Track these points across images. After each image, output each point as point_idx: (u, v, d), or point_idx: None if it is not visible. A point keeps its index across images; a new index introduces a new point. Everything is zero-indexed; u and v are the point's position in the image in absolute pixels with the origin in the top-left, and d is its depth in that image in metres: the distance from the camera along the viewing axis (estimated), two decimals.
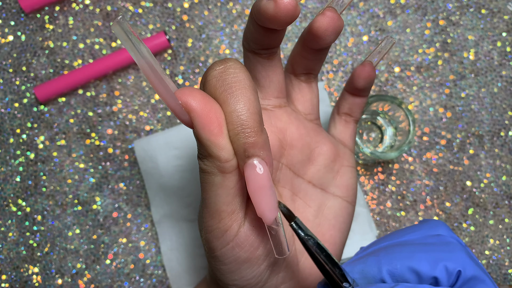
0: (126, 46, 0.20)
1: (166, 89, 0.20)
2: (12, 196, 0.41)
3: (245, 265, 0.24)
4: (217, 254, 0.24)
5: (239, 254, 0.24)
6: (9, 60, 0.42)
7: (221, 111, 0.21)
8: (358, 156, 0.39)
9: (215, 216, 0.23)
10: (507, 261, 0.40)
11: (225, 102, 0.21)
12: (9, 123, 0.42)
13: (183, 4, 0.42)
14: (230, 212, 0.23)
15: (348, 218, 0.29)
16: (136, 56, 0.20)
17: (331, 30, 0.24)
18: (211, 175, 0.22)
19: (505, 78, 0.41)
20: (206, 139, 0.21)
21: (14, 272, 0.40)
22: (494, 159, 0.40)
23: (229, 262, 0.24)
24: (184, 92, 0.21)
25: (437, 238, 0.25)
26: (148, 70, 0.20)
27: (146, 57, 0.20)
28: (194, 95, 0.21)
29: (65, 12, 0.42)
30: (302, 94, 0.29)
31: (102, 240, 0.40)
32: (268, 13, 0.22)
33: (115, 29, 0.19)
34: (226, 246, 0.24)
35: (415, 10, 0.42)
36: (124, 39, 0.19)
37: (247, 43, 0.26)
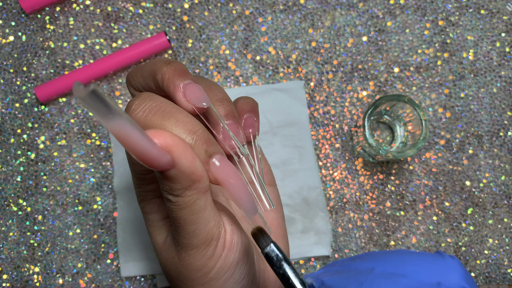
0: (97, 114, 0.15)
1: (146, 140, 0.18)
2: (13, 196, 0.41)
3: (239, 265, 0.25)
4: (212, 274, 0.24)
5: (233, 257, 0.24)
6: (10, 61, 0.42)
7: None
8: (373, 158, 0.39)
9: (207, 238, 0.23)
10: (506, 260, 0.40)
11: (163, 120, 0.22)
12: (10, 123, 0.42)
13: (183, 5, 0.42)
14: (217, 222, 0.24)
15: (278, 198, 0.33)
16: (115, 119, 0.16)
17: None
18: (196, 203, 0.22)
19: (504, 78, 0.41)
20: (191, 167, 0.21)
21: (15, 272, 0.40)
22: (493, 159, 0.41)
23: (225, 272, 0.24)
24: (154, 133, 0.20)
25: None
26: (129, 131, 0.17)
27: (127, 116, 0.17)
28: (161, 133, 0.20)
29: (65, 13, 0.43)
30: None
31: (103, 239, 0.41)
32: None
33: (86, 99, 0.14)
34: (220, 258, 0.24)
35: (415, 10, 0.42)
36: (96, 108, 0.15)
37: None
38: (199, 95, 0.24)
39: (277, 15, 0.42)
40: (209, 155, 0.22)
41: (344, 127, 0.41)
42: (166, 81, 0.25)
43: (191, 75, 0.25)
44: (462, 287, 0.23)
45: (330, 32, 0.42)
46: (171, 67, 0.25)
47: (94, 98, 0.15)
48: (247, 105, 0.30)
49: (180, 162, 0.21)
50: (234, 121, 0.26)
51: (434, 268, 0.24)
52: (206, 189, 0.22)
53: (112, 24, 0.42)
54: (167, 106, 0.22)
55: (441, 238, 0.40)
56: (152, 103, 0.22)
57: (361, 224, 0.40)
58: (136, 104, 0.22)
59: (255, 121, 0.30)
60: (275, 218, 0.32)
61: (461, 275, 0.23)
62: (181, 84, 0.24)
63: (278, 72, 0.42)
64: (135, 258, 0.40)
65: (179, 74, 0.24)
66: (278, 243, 0.30)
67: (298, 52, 0.42)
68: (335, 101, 0.42)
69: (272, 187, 0.33)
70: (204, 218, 0.23)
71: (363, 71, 0.42)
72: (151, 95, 0.23)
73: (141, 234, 0.40)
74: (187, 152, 0.21)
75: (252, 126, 0.30)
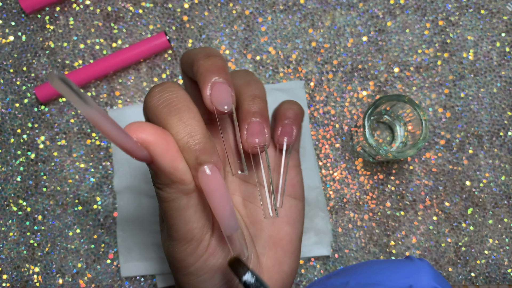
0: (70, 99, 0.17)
1: (119, 132, 0.19)
2: (13, 196, 0.41)
3: (219, 271, 0.25)
4: (191, 270, 0.24)
5: (213, 262, 0.25)
6: (9, 61, 0.42)
7: (170, 135, 0.22)
8: (373, 158, 0.39)
9: (187, 236, 0.23)
10: (506, 260, 0.40)
11: (169, 115, 0.22)
12: (9, 123, 0.42)
13: (183, 5, 0.42)
14: (201, 226, 0.24)
15: (299, 213, 0.30)
16: (84, 107, 0.18)
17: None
18: (175, 201, 0.22)
19: (504, 78, 0.41)
20: (169, 166, 0.21)
21: (15, 272, 0.40)
22: (493, 159, 0.41)
23: (203, 274, 0.25)
24: (135, 128, 0.21)
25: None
26: (100, 119, 0.18)
27: (95, 106, 0.18)
28: (145, 129, 0.21)
29: (65, 13, 0.43)
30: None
31: (103, 239, 0.41)
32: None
33: (56, 84, 0.17)
34: (200, 259, 0.24)
35: (415, 10, 0.42)
36: (67, 93, 0.17)
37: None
38: (223, 97, 0.24)
39: (277, 15, 0.42)
40: (199, 162, 0.22)
41: (344, 127, 0.41)
42: (199, 75, 0.24)
43: (226, 73, 0.24)
44: (433, 287, 0.23)
45: (330, 32, 0.42)
46: (208, 61, 0.24)
47: (64, 86, 0.16)
48: (290, 111, 0.29)
49: (158, 160, 0.21)
50: (262, 120, 0.26)
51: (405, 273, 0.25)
52: (189, 191, 0.22)
53: (112, 24, 0.42)
54: (179, 102, 0.22)
55: (441, 238, 0.40)
56: (168, 95, 0.22)
57: (361, 224, 0.40)
58: (155, 91, 0.22)
59: (293, 129, 0.28)
60: (288, 233, 0.30)
61: (431, 275, 0.24)
62: (211, 81, 0.24)
63: (278, 72, 0.42)
64: (135, 258, 0.40)
65: (212, 71, 0.24)
66: (285, 259, 0.29)
67: (298, 52, 0.42)
68: (335, 101, 0.42)
69: (296, 201, 0.30)
70: (185, 218, 0.23)
71: (363, 71, 0.42)
72: (173, 87, 0.23)
73: (141, 234, 0.40)
74: (167, 153, 0.21)
75: (289, 134, 0.28)
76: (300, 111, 0.30)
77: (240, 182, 0.29)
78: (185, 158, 0.22)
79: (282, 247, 0.29)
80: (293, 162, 0.31)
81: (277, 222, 0.30)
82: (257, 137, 0.26)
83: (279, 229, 0.30)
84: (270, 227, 0.29)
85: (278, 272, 0.29)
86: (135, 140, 0.20)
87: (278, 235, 0.29)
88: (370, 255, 0.40)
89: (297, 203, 0.30)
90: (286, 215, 0.30)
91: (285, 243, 0.29)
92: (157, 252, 0.40)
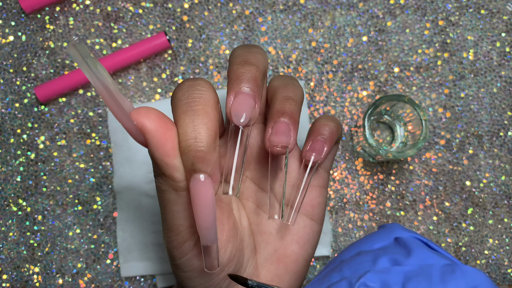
0: (81, 67, 0.19)
1: (120, 110, 0.20)
2: (13, 196, 0.41)
3: (203, 273, 0.25)
4: (177, 262, 0.25)
5: (197, 264, 0.24)
6: (9, 60, 0.42)
7: (175, 132, 0.21)
8: (373, 158, 0.39)
9: (173, 229, 0.23)
10: (506, 260, 0.40)
11: (184, 113, 0.21)
12: (9, 123, 0.42)
13: (183, 5, 0.42)
14: (188, 226, 0.23)
15: (313, 235, 0.29)
16: (91, 77, 0.19)
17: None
18: (166, 193, 0.22)
19: (504, 78, 0.41)
20: (160, 160, 0.21)
21: (14, 272, 0.40)
22: (493, 159, 0.41)
23: (188, 270, 0.25)
24: (140, 112, 0.21)
25: (396, 243, 0.24)
26: (103, 92, 0.20)
27: (102, 79, 0.20)
28: (149, 116, 0.21)
29: (65, 13, 0.43)
30: None
31: (103, 240, 0.41)
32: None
33: (71, 51, 0.18)
34: (185, 256, 0.24)
35: (415, 10, 0.42)
36: (79, 61, 0.19)
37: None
38: (242, 109, 0.23)
39: (277, 15, 0.42)
40: (194, 169, 0.21)
41: (344, 127, 0.41)
42: (228, 81, 0.24)
43: (256, 84, 0.23)
44: (409, 235, 0.25)
45: (330, 32, 0.42)
46: (241, 68, 0.24)
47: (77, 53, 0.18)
48: (325, 128, 0.27)
49: (151, 149, 0.21)
50: (290, 122, 0.24)
51: (384, 235, 0.26)
52: (178, 189, 0.22)
53: (112, 24, 0.42)
54: (199, 104, 0.22)
55: (441, 238, 0.40)
56: (193, 93, 0.22)
57: (361, 224, 0.40)
58: (186, 85, 0.22)
59: (324, 147, 0.26)
60: (295, 252, 0.28)
61: (404, 230, 0.26)
62: (235, 90, 0.23)
63: (278, 72, 0.42)
64: (135, 258, 0.40)
65: (241, 80, 0.23)
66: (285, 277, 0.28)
67: (298, 52, 0.42)
68: (335, 101, 0.41)
69: (312, 222, 0.29)
70: (172, 211, 0.23)
71: (363, 71, 0.42)
72: (202, 85, 0.22)
73: (141, 234, 0.40)
74: (161, 146, 0.21)
75: (318, 151, 0.26)
76: (337, 129, 0.27)
77: (257, 189, 0.29)
78: (183, 160, 0.21)
79: (285, 265, 0.28)
80: (319, 182, 0.29)
81: (286, 238, 0.28)
82: (281, 137, 0.24)
83: (286, 246, 0.28)
84: (277, 241, 0.28)
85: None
86: (134, 124, 0.21)
87: (284, 251, 0.28)
88: None
89: (313, 225, 0.29)
90: (297, 233, 0.28)
91: (289, 261, 0.28)
92: (157, 252, 0.40)
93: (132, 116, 0.21)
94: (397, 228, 0.26)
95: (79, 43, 0.19)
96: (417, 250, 0.23)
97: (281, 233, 0.28)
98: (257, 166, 0.28)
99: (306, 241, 0.28)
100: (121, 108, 0.20)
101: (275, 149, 0.24)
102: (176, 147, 0.21)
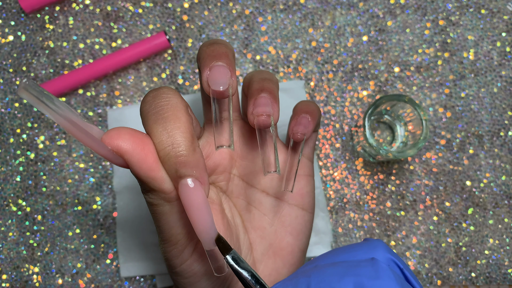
0: (39, 108, 0.18)
1: (91, 138, 0.20)
2: (12, 196, 0.41)
3: (205, 277, 0.25)
4: (177, 270, 0.25)
5: (198, 268, 0.24)
6: (9, 60, 0.42)
7: (152, 144, 0.21)
8: (374, 158, 0.39)
9: (171, 239, 0.23)
10: (507, 260, 0.40)
11: (155, 122, 0.21)
12: (9, 123, 0.42)
13: (183, 4, 0.42)
14: (186, 233, 0.23)
15: (305, 225, 0.29)
16: (52, 115, 0.18)
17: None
18: (159, 206, 0.22)
19: (504, 78, 0.41)
20: (146, 176, 0.21)
21: (14, 272, 0.40)
22: (493, 159, 0.41)
23: (189, 276, 0.25)
24: (112, 136, 0.20)
25: (370, 263, 0.24)
26: (68, 126, 0.19)
27: (63, 113, 0.19)
28: (122, 136, 0.20)
29: (65, 12, 0.42)
30: None
31: (102, 240, 0.41)
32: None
33: (23, 95, 0.17)
34: (185, 262, 0.24)
35: (415, 10, 0.42)
36: (36, 102, 0.18)
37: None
38: (219, 77, 0.23)
39: (277, 14, 0.42)
40: (179, 175, 0.21)
41: (345, 127, 0.41)
42: (200, 61, 0.24)
43: (228, 58, 0.24)
44: (389, 258, 0.25)
45: (330, 32, 0.42)
46: (210, 47, 0.24)
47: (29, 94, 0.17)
48: (305, 106, 0.28)
49: (134, 168, 0.21)
50: (270, 96, 0.25)
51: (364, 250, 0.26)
52: (171, 199, 0.22)
53: (111, 24, 0.42)
54: (168, 110, 0.21)
55: (442, 238, 0.40)
56: (160, 102, 0.21)
57: (362, 224, 0.40)
58: (149, 96, 0.22)
59: (309, 121, 0.28)
60: (290, 243, 0.29)
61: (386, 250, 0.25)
62: (210, 65, 0.23)
63: (278, 72, 0.42)
64: (134, 258, 0.40)
65: (213, 56, 0.24)
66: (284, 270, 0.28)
67: (298, 51, 0.42)
68: (335, 101, 0.41)
69: (303, 212, 0.29)
70: (168, 222, 0.23)
71: (364, 70, 0.41)
72: (166, 93, 0.22)
73: (140, 234, 0.40)
74: (143, 162, 0.20)
75: (304, 125, 0.27)
76: (318, 110, 0.29)
77: (246, 186, 0.29)
78: (166, 169, 0.21)
79: (282, 257, 0.29)
80: (305, 171, 0.30)
81: (280, 231, 0.29)
82: (264, 107, 0.24)
83: (281, 239, 0.29)
84: (271, 235, 0.29)
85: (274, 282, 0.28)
86: (109, 149, 0.20)
87: (279, 244, 0.29)
88: None
89: (304, 214, 0.29)
90: (290, 225, 0.29)
91: (286, 253, 0.29)
92: (157, 252, 0.40)
93: (104, 142, 0.20)
94: (380, 247, 0.26)
95: (29, 84, 0.17)
96: (385, 277, 0.23)
97: (274, 227, 0.29)
98: (242, 162, 0.28)
99: (300, 231, 0.29)
100: (91, 137, 0.20)
101: (259, 118, 0.24)
102: (157, 159, 0.21)
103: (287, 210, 0.29)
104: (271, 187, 0.29)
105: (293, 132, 0.27)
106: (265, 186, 0.29)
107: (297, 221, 0.29)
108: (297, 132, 0.27)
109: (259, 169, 0.28)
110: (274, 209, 0.29)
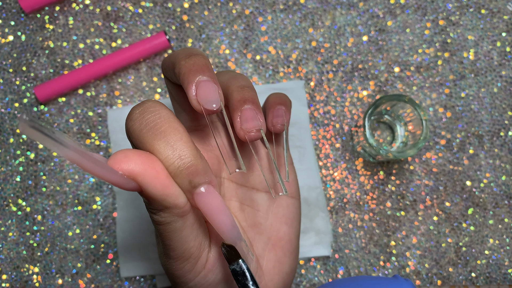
0: (44, 143, 0.17)
1: (102, 167, 0.19)
2: (12, 196, 0.41)
3: (220, 284, 0.25)
4: (191, 285, 0.24)
5: (213, 277, 0.24)
6: (9, 60, 0.42)
7: (158, 161, 0.20)
8: (374, 158, 0.39)
9: (184, 255, 0.23)
10: (507, 260, 0.40)
11: (154, 139, 0.20)
12: (9, 123, 0.42)
13: (183, 4, 0.42)
14: (198, 244, 0.23)
15: (297, 212, 0.30)
16: (60, 149, 0.17)
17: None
18: (171, 224, 0.22)
19: (504, 78, 0.41)
20: (161, 194, 0.20)
21: (14, 272, 0.40)
22: (493, 159, 0.41)
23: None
24: (120, 160, 0.19)
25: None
26: (78, 157, 0.18)
27: (70, 145, 0.18)
28: (131, 158, 0.20)
29: (65, 12, 0.42)
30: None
31: (102, 240, 0.41)
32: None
33: (27, 132, 0.16)
34: (198, 275, 0.24)
35: (415, 10, 0.42)
36: (40, 138, 0.16)
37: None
38: (210, 95, 0.23)
39: (277, 14, 0.42)
40: (194, 186, 0.21)
41: (345, 127, 0.41)
42: (182, 77, 0.24)
43: (210, 71, 0.24)
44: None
45: (330, 32, 0.42)
46: (189, 61, 0.24)
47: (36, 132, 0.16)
48: (278, 98, 0.30)
49: (148, 189, 0.20)
50: (254, 107, 0.25)
51: (394, 286, 0.25)
52: (184, 214, 0.22)
53: (111, 24, 0.42)
54: (163, 124, 0.21)
55: (442, 238, 0.40)
56: (150, 117, 0.21)
57: (362, 224, 0.40)
58: (136, 113, 0.21)
59: (285, 111, 0.29)
60: (286, 233, 0.30)
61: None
62: (195, 81, 0.23)
63: (278, 72, 0.42)
64: (134, 258, 0.40)
65: (196, 70, 0.23)
66: (285, 259, 0.29)
67: (298, 51, 0.42)
68: (335, 101, 0.41)
69: (292, 200, 0.30)
70: (181, 238, 0.22)
71: (364, 70, 0.41)
72: (154, 106, 0.21)
73: (140, 234, 0.40)
74: (157, 181, 0.20)
75: (280, 116, 0.29)
76: (287, 98, 0.30)
77: (236, 186, 0.29)
78: (178, 183, 0.21)
79: (281, 247, 0.29)
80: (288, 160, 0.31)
81: (275, 223, 0.29)
82: (253, 122, 0.25)
83: (278, 230, 0.29)
84: (268, 229, 0.29)
85: (278, 273, 0.29)
86: (120, 174, 0.19)
87: (277, 236, 0.29)
88: (370, 255, 0.40)
89: (294, 202, 0.30)
90: (284, 215, 0.30)
91: (284, 243, 0.29)
92: (157, 252, 0.40)
93: (113, 167, 0.19)
94: (408, 286, 0.25)
95: (29, 120, 0.16)
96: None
97: (269, 220, 0.30)
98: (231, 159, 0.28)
99: (293, 219, 0.30)
100: (102, 164, 0.19)
101: (251, 135, 0.25)
102: (168, 175, 0.20)
103: (278, 201, 0.30)
104: (260, 183, 0.30)
105: (273, 124, 0.29)
106: (254, 183, 0.29)
107: (289, 210, 0.30)
108: (277, 123, 0.28)
109: (247, 166, 0.29)
110: (266, 204, 0.30)
